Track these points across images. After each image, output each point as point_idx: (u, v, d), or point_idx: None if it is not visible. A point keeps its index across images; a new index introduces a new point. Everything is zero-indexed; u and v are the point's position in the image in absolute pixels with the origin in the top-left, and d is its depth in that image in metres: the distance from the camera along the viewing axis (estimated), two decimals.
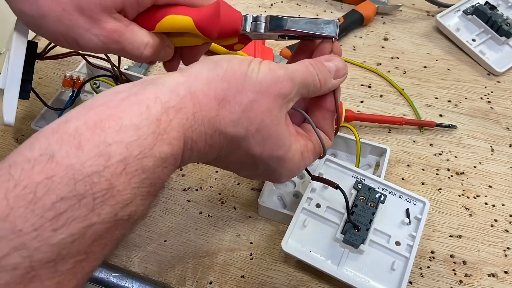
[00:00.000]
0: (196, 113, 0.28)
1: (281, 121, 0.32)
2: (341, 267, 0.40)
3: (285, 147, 0.33)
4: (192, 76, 0.29)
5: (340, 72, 0.35)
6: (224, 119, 0.29)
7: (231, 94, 0.29)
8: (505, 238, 0.45)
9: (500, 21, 0.58)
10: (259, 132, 0.31)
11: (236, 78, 0.30)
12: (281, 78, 0.31)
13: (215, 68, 0.30)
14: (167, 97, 0.28)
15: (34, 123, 0.50)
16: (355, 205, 0.42)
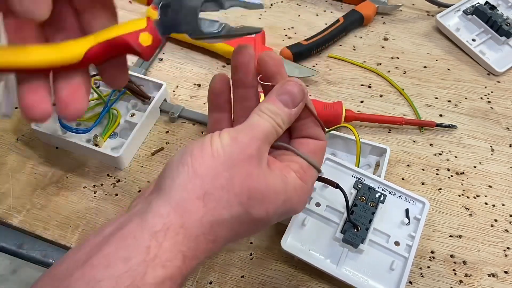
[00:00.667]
0: (184, 224, 0.28)
1: (265, 174, 0.31)
2: (340, 266, 0.40)
3: (282, 191, 0.32)
4: (167, 190, 0.29)
5: (297, 98, 0.33)
6: (215, 210, 0.29)
7: (208, 185, 0.29)
8: (505, 238, 0.45)
9: (500, 21, 0.58)
10: (252, 198, 0.30)
11: (206, 168, 0.29)
12: (246, 143, 0.30)
13: (183, 168, 0.30)
14: (151, 223, 0.28)
15: (35, 124, 0.50)
16: (355, 204, 0.42)
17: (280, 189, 0.32)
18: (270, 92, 0.33)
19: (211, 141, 0.30)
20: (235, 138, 0.30)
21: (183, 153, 0.30)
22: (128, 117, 0.53)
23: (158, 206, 0.28)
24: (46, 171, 0.50)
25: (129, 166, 0.51)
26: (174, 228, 0.28)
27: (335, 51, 0.60)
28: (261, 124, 0.32)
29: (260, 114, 0.32)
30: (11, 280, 0.45)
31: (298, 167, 0.33)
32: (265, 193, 0.31)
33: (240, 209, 0.30)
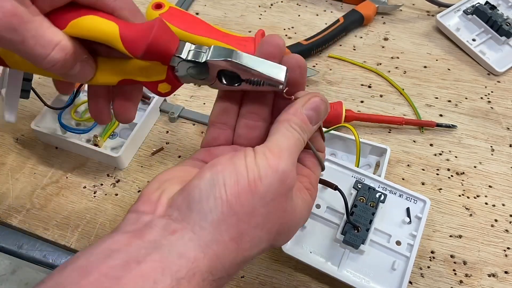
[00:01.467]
0: (213, 270, 0.25)
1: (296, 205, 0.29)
2: (342, 268, 0.40)
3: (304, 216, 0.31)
4: (197, 228, 0.25)
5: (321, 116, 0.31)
6: (247, 251, 0.27)
7: (245, 225, 0.26)
8: (505, 238, 0.45)
9: (500, 21, 0.58)
10: (280, 233, 0.28)
11: (242, 204, 0.26)
12: (287, 173, 0.27)
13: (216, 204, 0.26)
14: (176, 266, 0.24)
15: (34, 123, 0.50)
16: (355, 205, 0.42)
17: (303, 217, 0.31)
18: (296, 102, 0.31)
19: (246, 166, 0.27)
20: (276, 167, 0.27)
21: (214, 181, 0.26)
22: None
23: (184, 246, 0.25)
24: (46, 171, 0.50)
25: (129, 166, 0.51)
26: (201, 274, 0.25)
27: (335, 51, 0.60)
28: (295, 143, 0.29)
29: (291, 131, 0.29)
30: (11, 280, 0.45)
31: (308, 183, 0.32)
32: (293, 226, 0.30)
33: (267, 245, 0.28)
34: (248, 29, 0.63)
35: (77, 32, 0.29)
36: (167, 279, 0.23)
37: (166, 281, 0.23)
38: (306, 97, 0.31)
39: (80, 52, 0.29)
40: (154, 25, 0.28)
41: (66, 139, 0.49)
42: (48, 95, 0.56)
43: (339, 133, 0.49)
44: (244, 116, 0.33)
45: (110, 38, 0.29)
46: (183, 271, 0.24)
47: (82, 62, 0.30)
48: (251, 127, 0.33)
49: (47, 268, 0.46)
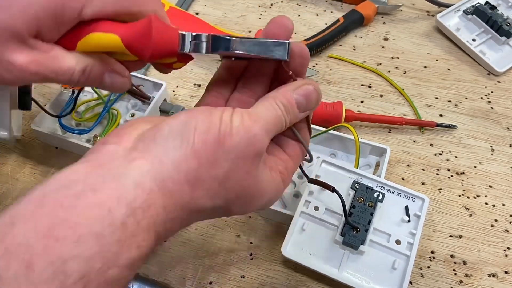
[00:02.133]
0: (167, 207, 0.25)
1: (260, 175, 0.29)
2: (342, 269, 0.40)
3: (268, 194, 0.30)
4: (157, 160, 0.25)
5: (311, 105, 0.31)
6: (200, 199, 0.27)
7: (204, 171, 0.26)
8: (505, 238, 0.45)
9: (500, 21, 0.58)
10: (239, 197, 0.28)
11: (207, 151, 0.26)
12: (258, 136, 0.27)
13: (182, 143, 0.26)
14: (132, 195, 0.24)
15: (34, 124, 0.50)
16: (353, 206, 0.42)
17: (267, 192, 0.30)
18: (288, 85, 0.31)
19: (220, 119, 0.27)
20: (249, 128, 0.27)
21: (186, 123, 0.27)
22: (128, 117, 0.53)
23: (141, 176, 0.25)
24: (46, 171, 0.50)
25: None
26: (155, 208, 0.25)
27: (335, 51, 0.60)
28: (276, 117, 0.29)
29: (275, 107, 0.29)
30: None
31: (283, 168, 0.32)
32: (253, 195, 0.29)
33: (223, 203, 0.28)
34: (248, 29, 0.63)
35: (88, 50, 0.31)
36: (122, 208, 0.23)
37: (121, 209, 0.23)
38: (300, 82, 0.31)
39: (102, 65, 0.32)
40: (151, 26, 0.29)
41: (66, 139, 0.50)
42: (48, 95, 0.56)
43: (339, 133, 0.49)
44: (238, 90, 0.34)
45: (117, 49, 0.30)
46: (138, 201, 0.24)
47: (110, 73, 0.33)
48: (242, 101, 0.33)
49: None
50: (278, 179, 0.31)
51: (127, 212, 0.23)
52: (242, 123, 0.27)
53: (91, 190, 0.23)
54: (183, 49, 0.31)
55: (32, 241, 0.21)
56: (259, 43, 0.30)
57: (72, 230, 0.22)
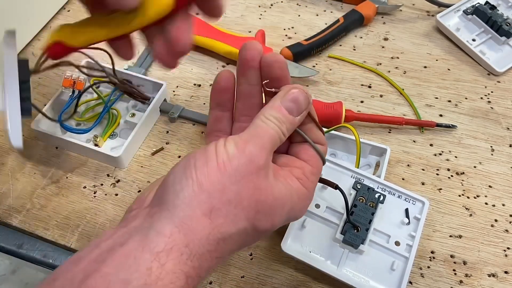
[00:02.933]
0: (189, 243, 0.27)
1: (272, 186, 0.30)
2: (341, 267, 0.40)
3: (288, 201, 0.31)
4: (171, 206, 0.27)
5: (302, 106, 0.32)
6: (222, 226, 0.28)
7: (215, 200, 0.28)
8: (505, 238, 0.45)
9: (500, 21, 0.58)
10: (259, 212, 0.29)
11: (213, 182, 0.28)
12: (254, 154, 0.29)
13: (187, 182, 0.28)
14: (154, 242, 0.26)
15: (34, 123, 0.50)
16: (355, 205, 0.42)
17: (286, 200, 0.31)
18: (275, 97, 0.32)
19: (216, 151, 0.29)
20: (242, 149, 0.29)
21: (186, 165, 0.29)
22: (128, 117, 0.53)
23: (161, 224, 0.27)
24: (46, 171, 0.50)
25: (129, 166, 0.51)
26: (178, 248, 0.26)
27: (335, 51, 0.60)
28: (268, 132, 0.30)
29: (265, 121, 0.31)
30: (11, 280, 0.45)
31: (300, 173, 0.33)
32: (272, 205, 0.30)
33: (247, 223, 0.29)
34: (248, 29, 0.63)
35: None
36: (146, 254, 0.25)
37: (146, 256, 0.25)
38: (285, 90, 0.32)
39: None
40: None
41: (66, 139, 0.50)
42: (49, 95, 0.56)
43: (339, 133, 0.49)
44: (237, 120, 0.36)
45: None
46: (161, 246, 0.26)
47: None
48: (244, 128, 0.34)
49: (47, 268, 0.46)
50: (297, 185, 0.32)
51: (151, 258, 0.25)
52: (237, 147, 0.29)
53: (119, 244, 0.26)
54: None
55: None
56: None
57: (102, 279, 0.24)
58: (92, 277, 0.24)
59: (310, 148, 0.34)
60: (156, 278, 0.25)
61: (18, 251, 0.47)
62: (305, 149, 0.34)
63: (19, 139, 0.40)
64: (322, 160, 0.35)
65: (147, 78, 0.54)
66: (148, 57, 0.59)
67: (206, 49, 0.60)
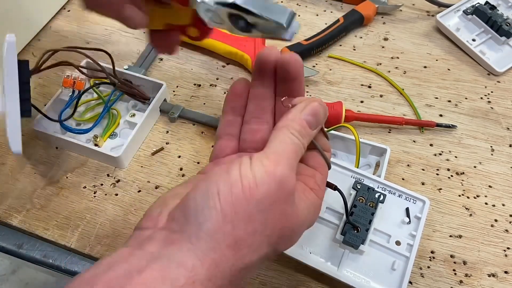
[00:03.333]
0: (212, 277, 0.25)
1: (298, 209, 0.29)
2: (342, 268, 0.40)
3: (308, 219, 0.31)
4: (194, 237, 0.26)
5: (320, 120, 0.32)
6: (245, 256, 0.27)
7: (241, 231, 0.26)
8: (505, 238, 0.45)
9: (500, 21, 0.58)
10: (282, 237, 0.28)
11: (237, 211, 0.26)
12: (284, 178, 0.27)
13: (210, 212, 0.26)
14: (175, 274, 0.25)
15: (34, 123, 0.50)
16: (354, 205, 0.42)
17: (308, 218, 0.31)
18: (295, 108, 0.31)
19: (240, 175, 0.27)
20: (273, 173, 0.27)
21: (208, 189, 0.27)
22: (128, 117, 0.53)
23: (182, 256, 0.26)
24: (46, 171, 0.50)
25: (129, 166, 0.51)
26: (200, 282, 0.25)
27: (335, 51, 0.60)
28: (294, 149, 0.29)
29: (291, 137, 0.30)
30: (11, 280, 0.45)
31: (313, 183, 0.32)
32: (296, 229, 0.29)
33: (269, 249, 0.28)
34: None
35: None
36: (167, 287, 0.24)
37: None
38: (305, 102, 0.32)
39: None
40: None
41: (66, 139, 0.50)
42: (48, 95, 0.56)
43: (339, 133, 0.49)
44: (247, 122, 0.35)
45: None
46: (182, 280, 0.24)
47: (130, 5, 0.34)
48: (254, 131, 0.34)
49: (47, 268, 0.46)
50: (313, 196, 0.32)
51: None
52: (265, 170, 0.27)
53: (137, 271, 0.24)
54: None
55: None
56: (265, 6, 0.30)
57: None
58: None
59: (318, 154, 0.34)
60: None
61: (18, 251, 0.47)
62: (313, 156, 0.34)
63: (19, 144, 0.40)
64: (328, 166, 0.34)
65: (147, 78, 0.54)
66: (148, 57, 0.59)
67: (206, 49, 0.60)
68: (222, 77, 0.58)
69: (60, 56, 0.49)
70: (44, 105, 0.52)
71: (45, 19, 0.64)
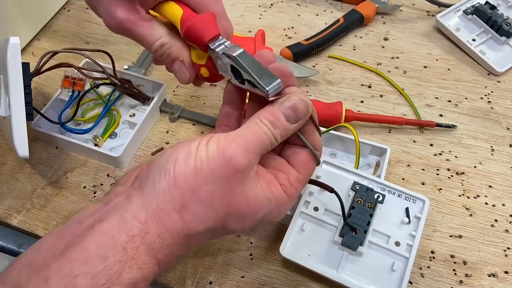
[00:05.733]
0: (161, 234, 0.29)
1: (249, 191, 0.30)
2: (340, 270, 0.40)
3: (264, 208, 0.31)
4: (147, 194, 0.29)
5: (300, 115, 0.32)
6: (191, 223, 0.29)
7: (187, 198, 0.29)
8: (505, 238, 0.45)
9: (500, 21, 0.58)
10: (229, 214, 0.30)
11: (186, 179, 0.29)
12: (234, 156, 0.29)
13: (164, 176, 0.29)
14: (129, 225, 0.28)
15: (34, 123, 0.50)
16: (353, 207, 0.42)
17: (262, 206, 0.31)
18: (275, 102, 0.32)
19: (197, 149, 0.30)
20: (223, 150, 0.29)
21: (168, 157, 0.30)
22: (128, 117, 0.53)
23: (136, 209, 0.29)
24: (46, 171, 0.50)
25: (129, 166, 0.51)
26: (151, 236, 0.28)
27: (335, 51, 0.60)
28: (258, 134, 0.30)
29: (258, 124, 0.31)
30: None
31: (285, 180, 0.33)
32: (245, 210, 0.30)
33: (216, 223, 0.30)
34: (248, 29, 0.63)
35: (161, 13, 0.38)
36: (122, 235, 0.27)
37: (122, 236, 0.27)
38: (286, 96, 0.32)
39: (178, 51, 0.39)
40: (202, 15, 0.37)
41: (66, 139, 0.50)
42: (48, 95, 0.56)
43: (339, 133, 0.49)
44: (246, 117, 0.36)
45: (174, 20, 0.37)
46: (135, 230, 0.28)
47: (181, 62, 0.39)
48: None
49: None
50: (278, 192, 0.32)
51: (127, 239, 0.27)
52: (217, 146, 0.29)
53: (99, 221, 0.28)
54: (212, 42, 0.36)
55: (49, 261, 0.26)
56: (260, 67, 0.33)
57: (82, 252, 0.27)
58: (73, 249, 0.27)
59: (302, 153, 0.34)
60: (131, 257, 0.27)
61: (18, 251, 0.47)
62: (297, 153, 0.34)
63: (25, 148, 0.40)
64: (317, 162, 0.35)
65: (147, 78, 0.54)
66: (148, 57, 0.59)
67: None
68: None
69: (60, 56, 0.49)
70: (44, 105, 0.52)
71: (45, 19, 0.64)
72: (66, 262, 0.26)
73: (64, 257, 0.26)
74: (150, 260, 0.28)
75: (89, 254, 0.26)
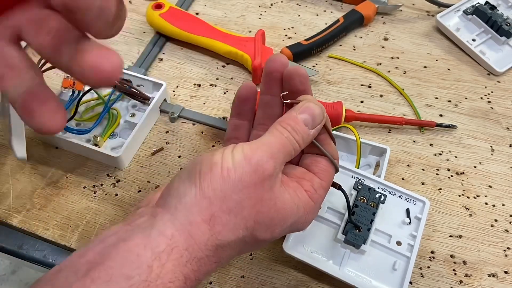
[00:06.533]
0: (189, 247, 0.28)
1: (277, 197, 0.30)
2: (343, 267, 0.40)
3: (292, 214, 0.31)
4: (173, 209, 0.29)
5: (317, 120, 0.33)
6: (220, 234, 0.29)
7: (216, 208, 0.28)
8: (505, 238, 0.45)
9: (500, 21, 0.58)
10: (259, 222, 0.30)
11: (215, 189, 0.28)
12: (260, 163, 0.29)
13: (190, 188, 0.29)
14: (155, 242, 0.27)
15: None
16: (356, 205, 0.42)
17: (291, 213, 0.31)
18: (292, 109, 0.33)
19: (222, 158, 0.29)
20: (249, 158, 0.29)
21: (192, 169, 0.29)
22: (128, 117, 0.53)
23: (163, 225, 0.28)
24: (46, 171, 0.50)
25: (129, 166, 0.51)
26: (178, 250, 0.27)
27: (335, 51, 0.60)
28: (281, 141, 0.31)
29: (280, 130, 0.31)
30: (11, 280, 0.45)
31: (309, 187, 0.33)
32: (274, 218, 0.30)
33: (246, 232, 0.29)
34: (248, 29, 0.63)
35: None
36: (148, 252, 0.26)
37: (147, 254, 0.26)
38: (302, 102, 0.33)
39: None
40: None
41: (66, 139, 0.49)
42: None
43: (339, 133, 0.49)
44: (255, 128, 0.37)
45: None
46: (162, 246, 0.27)
47: None
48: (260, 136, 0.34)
49: (47, 268, 0.46)
50: (305, 198, 0.32)
51: (152, 256, 0.26)
52: (243, 155, 0.29)
53: (122, 240, 0.27)
54: None
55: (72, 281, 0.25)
56: None
57: (105, 272, 0.25)
58: (96, 269, 0.26)
59: (321, 161, 0.35)
60: (156, 276, 0.26)
61: (18, 251, 0.46)
62: (316, 161, 0.35)
63: (23, 150, 0.40)
64: (336, 170, 0.35)
65: (147, 78, 0.54)
66: (148, 57, 0.59)
67: (206, 49, 0.60)
68: (222, 77, 0.58)
69: None
70: None
71: None
72: (89, 282, 0.25)
73: (86, 278, 0.25)
74: (176, 277, 0.27)
75: (112, 274, 0.25)
